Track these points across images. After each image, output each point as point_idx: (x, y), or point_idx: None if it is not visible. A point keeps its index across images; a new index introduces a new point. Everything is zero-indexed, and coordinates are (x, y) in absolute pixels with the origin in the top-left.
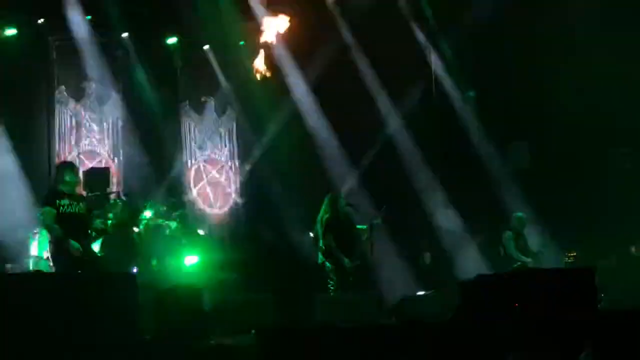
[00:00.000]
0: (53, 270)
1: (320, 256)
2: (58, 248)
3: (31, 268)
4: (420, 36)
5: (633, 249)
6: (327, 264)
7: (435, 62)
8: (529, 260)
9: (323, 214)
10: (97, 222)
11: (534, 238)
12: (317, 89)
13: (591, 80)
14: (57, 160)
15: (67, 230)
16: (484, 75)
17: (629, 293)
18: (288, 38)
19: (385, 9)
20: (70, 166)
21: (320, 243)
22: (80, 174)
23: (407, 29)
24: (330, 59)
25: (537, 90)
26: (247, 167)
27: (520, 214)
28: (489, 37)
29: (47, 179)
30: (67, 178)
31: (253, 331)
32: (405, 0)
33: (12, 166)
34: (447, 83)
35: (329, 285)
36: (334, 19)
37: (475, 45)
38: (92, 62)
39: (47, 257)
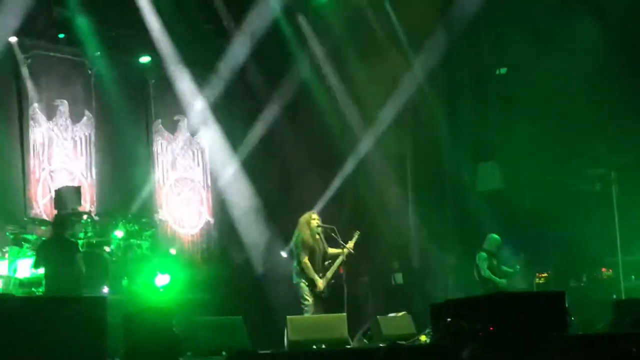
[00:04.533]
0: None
1: (294, 276)
2: None
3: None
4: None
5: (603, 270)
6: (302, 283)
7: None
8: (503, 281)
9: (297, 234)
10: None
11: (507, 259)
12: (290, 107)
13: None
14: (31, 177)
15: None
16: (458, 94)
17: (600, 314)
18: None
19: (359, 28)
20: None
21: (295, 263)
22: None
23: (381, 48)
24: (303, 77)
25: (508, 109)
26: (220, 186)
27: (495, 235)
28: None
29: (19, 196)
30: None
31: (224, 353)
32: (379, 20)
33: None
34: (420, 103)
35: (303, 305)
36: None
37: (447, 65)
38: (65, 80)
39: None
